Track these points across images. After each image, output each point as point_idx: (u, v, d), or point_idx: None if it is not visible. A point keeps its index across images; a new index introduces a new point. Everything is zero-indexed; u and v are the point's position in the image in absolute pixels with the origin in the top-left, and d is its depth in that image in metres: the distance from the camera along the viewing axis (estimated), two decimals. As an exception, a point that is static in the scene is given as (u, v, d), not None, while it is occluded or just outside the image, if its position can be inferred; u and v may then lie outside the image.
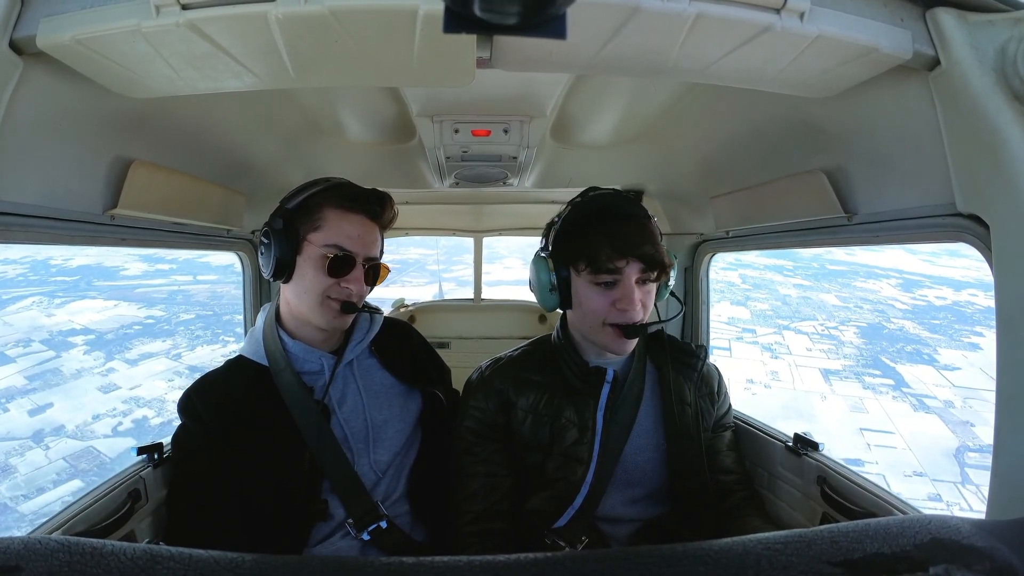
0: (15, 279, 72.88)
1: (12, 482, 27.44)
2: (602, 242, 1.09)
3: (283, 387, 1.16)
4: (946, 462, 30.76)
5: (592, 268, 1.10)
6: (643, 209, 1.18)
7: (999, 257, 0.75)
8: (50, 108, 0.86)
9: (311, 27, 0.69)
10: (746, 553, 0.46)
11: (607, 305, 1.11)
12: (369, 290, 1.23)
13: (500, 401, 1.23)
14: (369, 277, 1.20)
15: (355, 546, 1.15)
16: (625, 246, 1.08)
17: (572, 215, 1.17)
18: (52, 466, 28.84)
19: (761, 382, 38.29)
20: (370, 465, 1.20)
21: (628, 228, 1.10)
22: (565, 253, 1.15)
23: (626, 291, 1.09)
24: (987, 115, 0.73)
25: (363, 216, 1.18)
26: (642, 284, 1.12)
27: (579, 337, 1.24)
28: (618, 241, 1.08)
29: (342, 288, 1.15)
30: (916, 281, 72.50)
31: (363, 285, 1.18)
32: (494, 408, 1.23)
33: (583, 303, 1.15)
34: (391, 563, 0.46)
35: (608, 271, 1.09)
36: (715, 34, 0.73)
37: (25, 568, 0.41)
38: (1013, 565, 0.44)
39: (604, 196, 1.17)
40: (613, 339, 1.13)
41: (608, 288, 1.11)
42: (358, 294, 1.17)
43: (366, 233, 1.18)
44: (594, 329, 1.15)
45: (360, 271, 1.17)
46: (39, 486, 27.33)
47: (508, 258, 64.46)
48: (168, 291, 60.61)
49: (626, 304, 1.09)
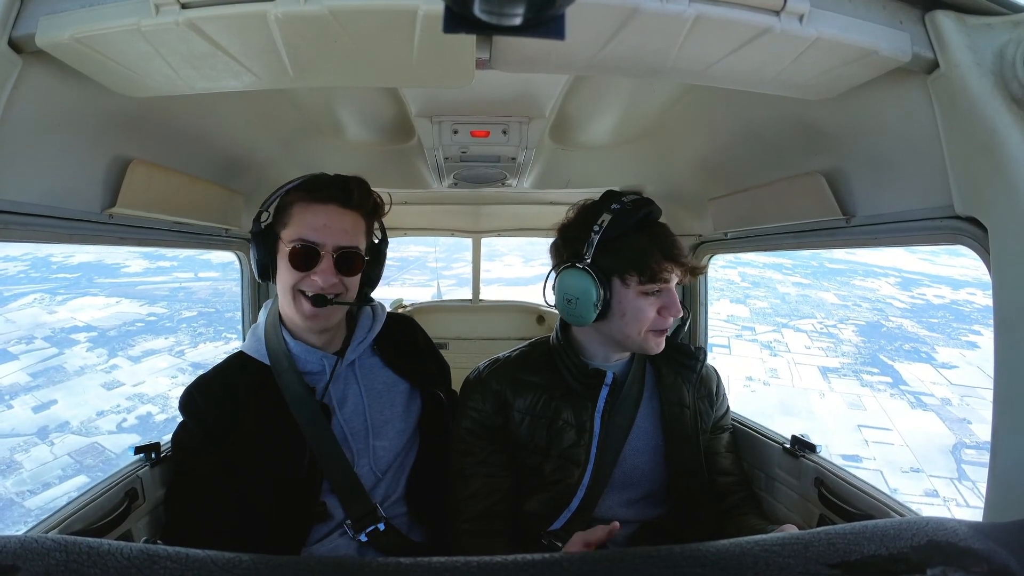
0: (16, 276, 72.98)
1: (18, 478, 27.51)
2: (653, 249, 1.09)
3: (285, 387, 1.16)
4: (943, 458, 30.91)
5: (645, 277, 1.10)
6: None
7: (997, 260, 0.75)
8: (49, 107, 0.86)
9: (310, 27, 0.69)
10: (744, 555, 0.47)
11: (654, 313, 1.12)
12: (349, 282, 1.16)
13: (497, 402, 1.23)
14: (342, 267, 1.14)
15: (352, 547, 1.15)
16: (674, 253, 1.10)
17: (616, 223, 1.13)
18: (57, 462, 28.92)
19: (760, 379, 38.39)
20: (370, 466, 1.19)
21: (670, 235, 1.13)
22: (610, 263, 1.12)
23: (673, 298, 1.12)
24: (985, 118, 0.73)
25: (330, 205, 1.14)
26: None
27: (591, 341, 1.23)
28: (667, 248, 1.10)
29: (311, 281, 1.12)
30: (915, 280, 72.61)
31: (332, 276, 1.12)
32: (491, 409, 1.23)
33: (628, 313, 1.13)
34: (388, 563, 0.46)
35: (663, 280, 1.10)
36: (714, 35, 0.73)
37: (22, 567, 0.41)
38: (1010, 567, 0.44)
39: (645, 201, 1.16)
40: (655, 343, 1.15)
41: (655, 296, 1.13)
42: (328, 285, 1.12)
43: (333, 221, 1.14)
44: (634, 337, 1.15)
45: (328, 262, 1.12)
46: (45, 481, 27.40)
47: (508, 255, 64.52)
48: (170, 288, 60.64)
49: (674, 312, 1.12)
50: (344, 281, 1.15)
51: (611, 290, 1.13)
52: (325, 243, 1.12)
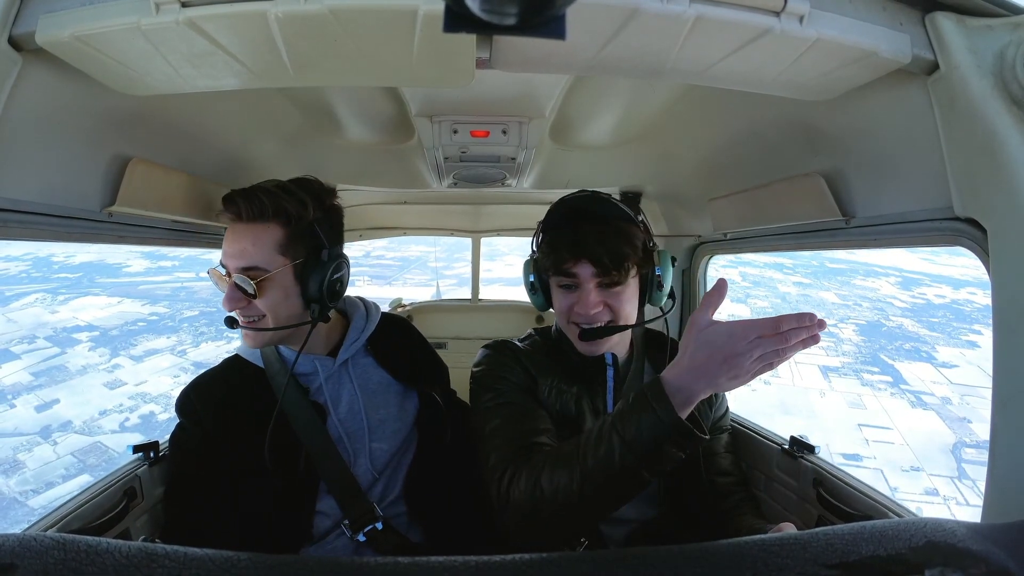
0: (18, 275, 73.08)
1: (21, 477, 27.55)
2: (560, 244, 1.11)
3: (278, 389, 1.16)
4: (943, 457, 31.02)
5: (552, 271, 1.13)
6: (619, 210, 1.15)
7: (996, 261, 0.75)
8: (49, 105, 0.86)
9: (310, 26, 0.69)
10: (742, 555, 0.47)
11: (568, 307, 1.13)
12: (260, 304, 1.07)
13: (525, 371, 1.20)
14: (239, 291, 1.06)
15: (350, 547, 1.15)
16: (578, 248, 1.09)
17: (547, 219, 1.19)
18: (60, 461, 28.97)
19: (760, 378, 38.23)
20: (367, 466, 1.19)
21: (588, 229, 1.09)
22: (540, 256, 1.18)
23: (582, 294, 1.11)
24: (985, 119, 0.73)
25: (231, 221, 1.08)
26: (609, 287, 1.11)
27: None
28: (573, 243, 1.09)
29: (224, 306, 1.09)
30: (915, 279, 72.65)
31: (233, 301, 1.06)
32: (522, 374, 1.19)
33: (555, 304, 1.19)
34: (386, 563, 0.47)
35: (565, 274, 1.11)
36: (714, 36, 0.73)
37: (20, 566, 0.41)
38: (1008, 569, 0.44)
39: (575, 199, 1.18)
40: (578, 339, 1.14)
41: (570, 290, 1.13)
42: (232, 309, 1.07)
43: (233, 241, 1.07)
44: (564, 328, 1.19)
45: (231, 286, 1.06)
46: (48, 481, 27.45)
47: (509, 255, 64.59)
48: (171, 288, 60.76)
49: (580, 307, 1.10)
50: (255, 303, 1.08)
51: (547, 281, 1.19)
52: (229, 266, 1.08)
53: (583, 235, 1.09)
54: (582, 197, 1.18)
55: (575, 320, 1.13)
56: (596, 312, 1.10)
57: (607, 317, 1.12)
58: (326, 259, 1.12)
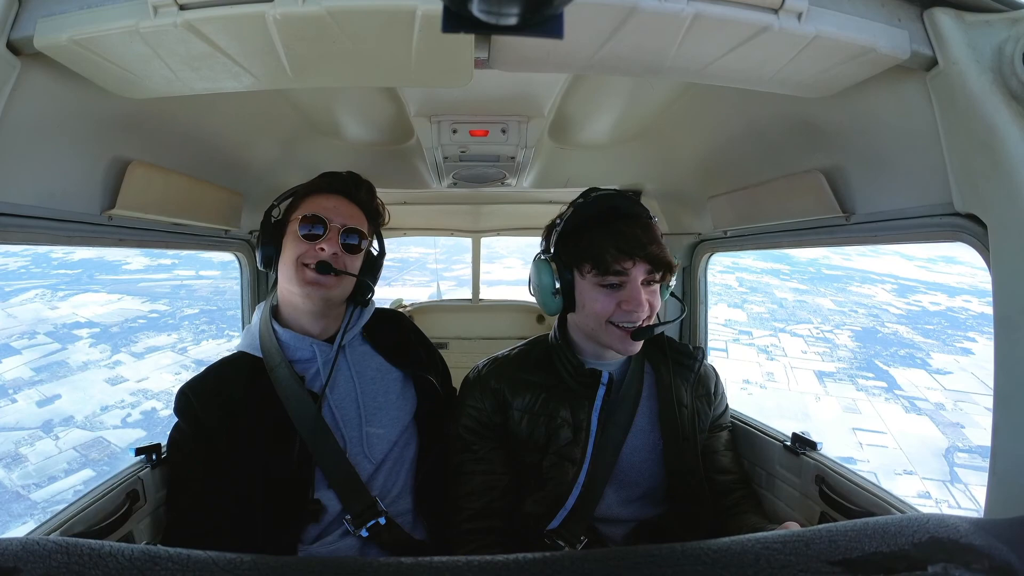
0: (17, 271, 73.06)
1: (23, 471, 27.61)
2: (608, 243, 1.08)
3: (276, 380, 1.17)
4: (936, 461, 31.19)
5: (598, 270, 1.10)
6: (646, 209, 1.17)
7: (997, 257, 0.75)
8: (48, 109, 0.86)
9: (309, 27, 0.69)
10: (744, 552, 0.47)
11: (612, 306, 1.11)
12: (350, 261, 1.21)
13: (497, 401, 1.23)
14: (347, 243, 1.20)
15: (354, 544, 1.15)
16: (631, 247, 1.08)
17: (575, 216, 1.16)
18: (63, 455, 29.02)
19: (757, 383, 38.76)
20: (364, 454, 1.19)
21: (634, 228, 1.10)
22: (569, 255, 1.15)
23: (632, 292, 1.09)
24: (984, 115, 0.73)
25: (338, 196, 1.23)
26: (647, 285, 1.12)
27: (579, 338, 1.24)
28: (624, 242, 1.08)
29: (316, 252, 1.16)
30: (910, 287, 72.79)
31: (338, 247, 1.18)
32: (491, 407, 1.23)
33: (587, 305, 1.14)
34: (389, 563, 0.47)
35: (615, 272, 1.09)
36: (713, 34, 0.72)
37: (23, 569, 0.41)
38: (1011, 564, 0.44)
39: (609, 196, 1.16)
40: (619, 340, 1.13)
41: (614, 290, 1.11)
42: (332, 255, 1.17)
43: (341, 206, 1.22)
44: (598, 330, 1.14)
45: (334, 235, 1.18)
46: (50, 475, 27.51)
47: (508, 258, 64.47)
48: (171, 286, 60.78)
49: (633, 305, 1.09)
50: (346, 259, 1.20)
51: (573, 282, 1.16)
52: (333, 220, 1.19)
53: (633, 233, 1.09)
54: (614, 195, 1.17)
55: (617, 320, 1.12)
56: (645, 309, 1.11)
57: (650, 315, 1.13)
58: (376, 255, 1.35)
